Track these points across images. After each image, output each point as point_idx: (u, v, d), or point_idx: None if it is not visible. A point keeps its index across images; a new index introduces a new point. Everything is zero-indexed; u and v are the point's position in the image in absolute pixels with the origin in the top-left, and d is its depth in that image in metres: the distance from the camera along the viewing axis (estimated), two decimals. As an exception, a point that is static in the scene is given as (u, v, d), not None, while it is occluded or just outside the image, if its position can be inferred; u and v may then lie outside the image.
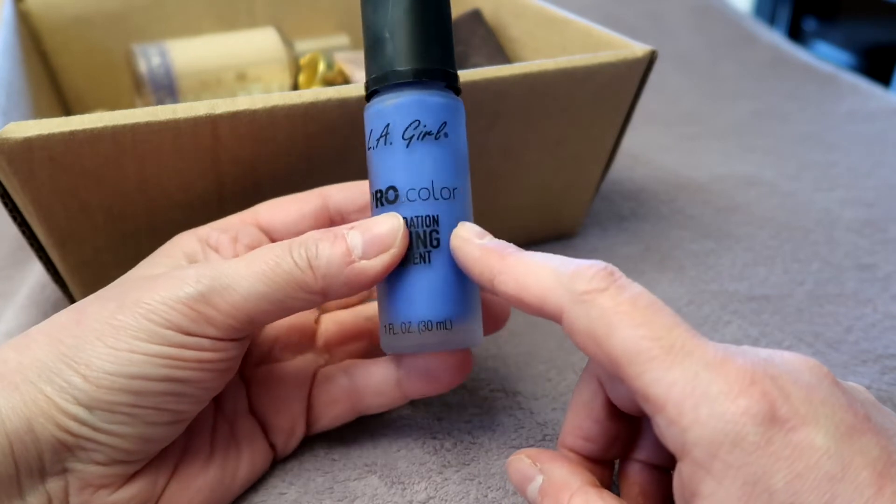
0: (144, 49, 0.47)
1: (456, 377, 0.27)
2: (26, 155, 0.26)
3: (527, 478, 0.24)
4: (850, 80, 0.73)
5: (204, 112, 0.28)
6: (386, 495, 0.28)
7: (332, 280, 0.23)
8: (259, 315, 0.23)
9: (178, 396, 0.23)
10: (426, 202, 0.24)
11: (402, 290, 0.25)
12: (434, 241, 0.24)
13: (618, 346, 0.20)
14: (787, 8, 1.81)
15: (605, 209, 0.49)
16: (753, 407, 0.18)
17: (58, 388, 0.21)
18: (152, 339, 0.22)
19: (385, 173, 0.25)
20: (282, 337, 0.29)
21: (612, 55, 0.36)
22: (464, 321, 0.25)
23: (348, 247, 0.23)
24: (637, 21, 0.83)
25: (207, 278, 0.23)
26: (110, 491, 0.23)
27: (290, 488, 0.28)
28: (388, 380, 0.28)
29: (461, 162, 0.26)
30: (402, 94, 0.25)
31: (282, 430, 0.28)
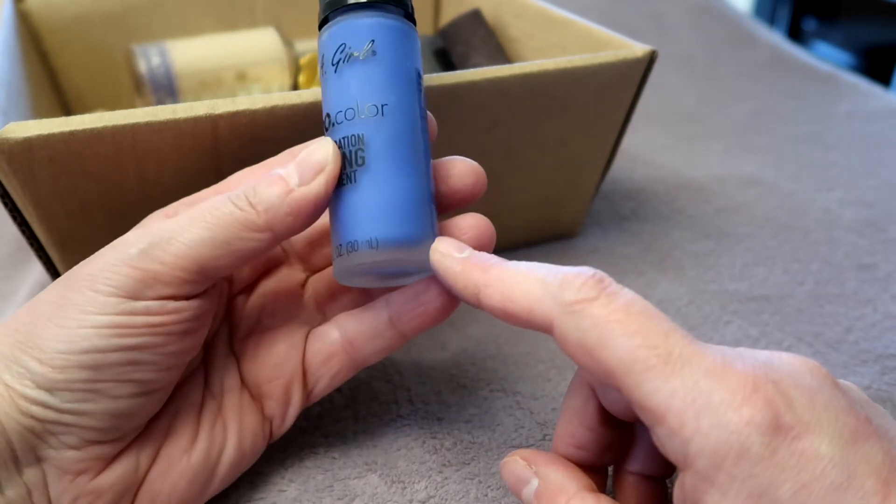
0: (144, 49, 0.47)
1: (448, 302, 0.26)
2: (26, 155, 0.26)
3: (522, 480, 0.24)
4: (850, 80, 0.73)
5: (204, 112, 0.28)
6: (386, 494, 0.28)
7: (275, 213, 0.23)
8: (209, 262, 0.22)
9: (137, 365, 0.22)
10: (352, 122, 0.24)
11: (339, 212, 0.24)
12: (360, 159, 0.24)
13: (612, 356, 0.19)
14: (787, 8, 1.81)
15: (605, 209, 0.49)
16: (757, 416, 0.18)
17: (16, 374, 0.21)
18: (99, 311, 0.22)
19: (324, 104, 0.25)
20: (268, 304, 0.29)
21: (612, 55, 0.36)
22: (417, 242, 0.24)
23: (285, 180, 0.23)
24: (637, 21, 0.83)
25: (148, 235, 0.22)
26: (89, 477, 0.23)
27: (290, 486, 0.28)
28: (380, 321, 0.27)
29: (397, 79, 0.25)
30: (335, 23, 0.25)
31: (277, 400, 0.27)
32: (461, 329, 0.37)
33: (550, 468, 0.23)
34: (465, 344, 0.36)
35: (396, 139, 0.24)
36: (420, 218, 0.24)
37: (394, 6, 0.25)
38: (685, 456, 0.19)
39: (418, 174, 0.25)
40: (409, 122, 0.25)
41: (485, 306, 0.22)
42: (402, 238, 0.24)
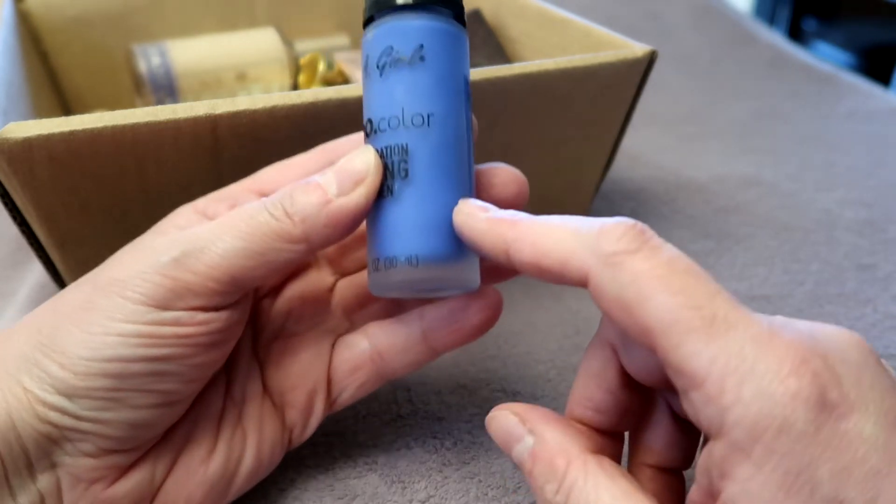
0: (144, 49, 0.47)
1: (485, 321, 0.25)
2: (26, 155, 0.26)
3: (513, 437, 0.22)
4: (850, 80, 0.73)
5: (204, 112, 0.28)
6: (386, 493, 0.28)
7: (312, 223, 0.22)
8: (241, 273, 0.22)
9: (162, 376, 0.21)
10: (396, 131, 0.23)
11: (378, 225, 0.23)
12: (402, 171, 0.23)
13: (652, 314, 0.18)
14: (787, 8, 1.81)
15: (605, 209, 0.49)
16: (804, 389, 0.17)
17: (36, 378, 0.21)
18: (126, 319, 0.21)
19: (365, 108, 0.24)
20: (295, 309, 0.27)
21: (612, 55, 0.36)
22: (456, 259, 0.23)
23: (323, 189, 0.22)
24: (637, 21, 0.83)
25: (180, 243, 0.22)
26: (104, 485, 0.22)
27: (290, 485, 0.28)
28: (413, 335, 0.26)
29: (444, 87, 0.23)
30: (381, 22, 0.24)
31: (299, 409, 0.26)
32: (461, 329, 0.37)
33: (548, 426, 0.22)
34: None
35: (442, 151, 0.23)
36: None
37: (445, 7, 0.24)
38: (721, 425, 0.17)
39: (462, 188, 0.24)
40: (456, 132, 0.24)
41: (515, 262, 0.21)
42: (444, 256, 0.23)
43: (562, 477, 0.20)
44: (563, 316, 0.38)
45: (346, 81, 0.48)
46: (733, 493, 0.17)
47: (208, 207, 0.25)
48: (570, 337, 0.37)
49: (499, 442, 0.23)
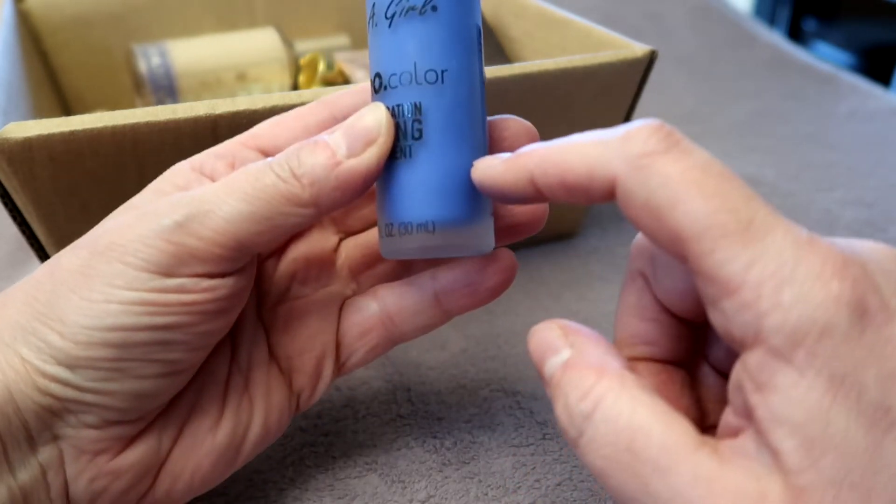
0: (144, 49, 0.47)
1: (501, 284, 0.25)
2: (26, 155, 0.26)
3: (552, 349, 0.20)
4: (850, 80, 0.73)
5: (204, 112, 0.28)
6: (386, 493, 0.28)
7: (321, 186, 0.21)
8: (247, 237, 0.21)
9: (166, 345, 0.21)
10: (408, 88, 0.22)
11: (391, 188, 0.22)
12: (416, 132, 0.22)
13: (685, 219, 0.17)
14: (787, 8, 1.81)
15: (605, 209, 0.49)
16: (846, 292, 0.16)
17: (35, 348, 0.20)
18: (128, 286, 0.20)
19: (373, 60, 0.23)
20: (300, 271, 0.26)
21: (612, 55, 0.36)
22: (470, 221, 0.22)
23: (332, 149, 0.21)
24: (637, 21, 0.83)
25: (184, 206, 0.20)
26: (109, 457, 0.21)
27: (290, 485, 0.28)
28: (425, 297, 0.25)
29: (458, 39, 0.22)
30: None
31: (307, 374, 0.26)
32: (461, 329, 0.37)
33: (591, 343, 0.20)
34: (465, 344, 0.36)
35: (457, 109, 0.22)
36: (477, 195, 0.22)
37: None
38: (757, 332, 0.16)
39: (478, 147, 0.22)
40: (470, 89, 0.22)
41: (542, 187, 0.20)
42: (461, 219, 0.22)
43: (591, 386, 0.18)
44: (562, 316, 0.38)
45: (346, 81, 0.48)
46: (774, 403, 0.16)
47: (205, 164, 0.24)
48: (570, 337, 0.37)
49: (535, 356, 0.21)
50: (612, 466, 0.17)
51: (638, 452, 0.17)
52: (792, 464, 0.16)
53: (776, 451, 0.16)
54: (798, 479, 0.16)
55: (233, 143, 0.25)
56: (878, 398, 0.15)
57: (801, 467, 0.16)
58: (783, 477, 0.16)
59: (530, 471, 0.29)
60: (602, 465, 0.18)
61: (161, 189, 0.23)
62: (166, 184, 0.23)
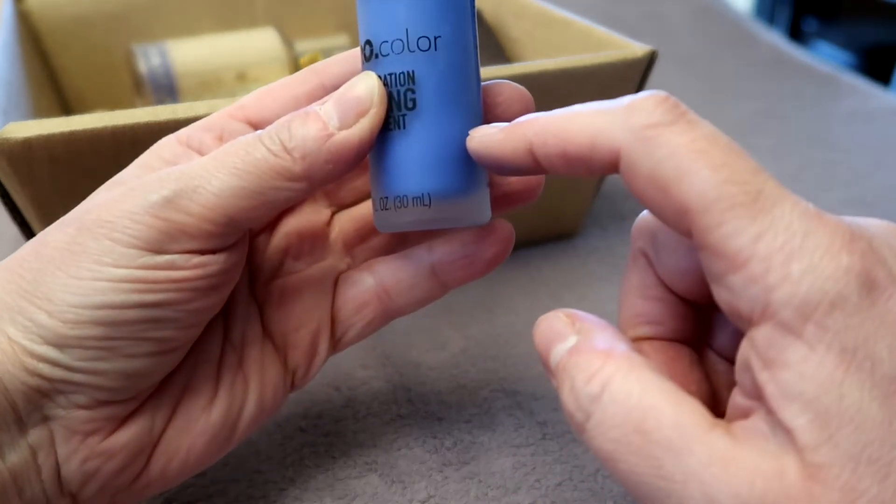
0: (144, 49, 0.47)
1: (498, 255, 0.24)
2: (26, 155, 0.26)
3: (558, 336, 0.20)
4: (850, 80, 0.73)
5: (204, 112, 0.28)
6: (386, 493, 0.28)
7: (313, 160, 0.20)
8: (239, 213, 0.20)
9: (157, 323, 0.20)
10: (400, 56, 0.21)
11: (385, 160, 0.22)
12: (409, 102, 0.21)
13: (691, 191, 0.17)
14: (787, 8, 1.81)
15: (605, 209, 0.49)
16: (856, 264, 0.16)
17: (21, 327, 0.19)
18: (117, 262, 0.19)
19: (363, 26, 0.22)
20: (292, 246, 0.26)
21: (612, 55, 0.36)
22: (465, 193, 0.22)
23: (323, 120, 0.20)
24: (637, 21, 0.83)
25: (172, 181, 0.20)
26: (101, 437, 0.21)
27: (290, 485, 0.28)
28: (421, 270, 0.25)
29: (451, 4, 0.21)
30: None
31: (302, 350, 0.25)
32: (461, 329, 0.37)
33: (597, 328, 0.20)
34: (465, 344, 0.36)
35: (451, 77, 0.21)
36: (473, 166, 0.22)
37: None
38: (765, 306, 0.16)
39: (472, 115, 0.22)
40: (464, 55, 0.22)
41: (541, 158, 0.19)
42: (457, 191, 0.22)
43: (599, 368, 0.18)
44: (563, 316, 0.38)
45: (346, 81, 0.48)
46: (785, 379, 0.16)
47: (193, 137, 0.23)
48: (570, 337, 0.37)
49: (540, 346, 0.20)
50: (621, 450, 0.17)
51: (649, 433, 0.17)
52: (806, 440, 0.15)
53: (789, 429, 0.16)
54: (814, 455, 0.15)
55: (220, 115, 0.24)
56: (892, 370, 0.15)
57: (817, 443, 0.15)
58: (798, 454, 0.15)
59: (530, 471, 0.29)
60: (611, 448, 0.17)
61: (148, 164, 0.23)
62: (153, 158, 0.23)
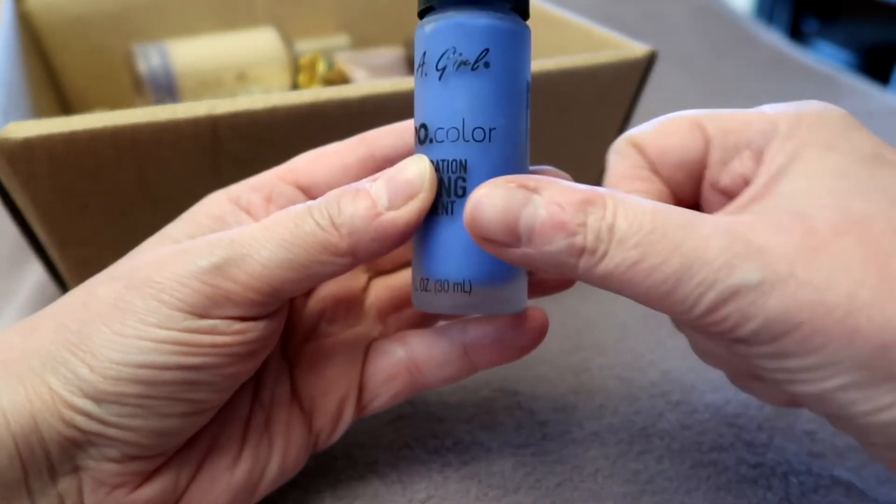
0: (144, 49, 0.47)
1: (532, 343, 0.25)
2: (26, 155, 0.26)
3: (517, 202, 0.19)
4: (850, 81, 0.73)
5: (204, 112, 0.28)
6: (386, 494, 0.28)
7: (360, 237, 0.21)
8: (283, 285, 0.21)
9: (194, 385, 0.21)
10: (455, 144, 0.21)
11: (430, 243, 0.22)
12: (459, 189, 0.21)
13: None
14: (787, 8, 1.82)
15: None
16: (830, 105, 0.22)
17: (63, 379, 0.20)
18: (161, 324, 0.20)
19: (419, 109, 0.22)
20: (328, 309, 0.26)
21: (612, 55, 0.36)
22: (503, 281, 0.22)
23: (373, 199, 0.21)
24: (637, 21, 0.83)
25: (222, 248, 0.20)
26: (127, 491, 0.21)
27: (290, 485, 0.28)
28: (454, 349, 0.25)
29: (508, 96, 0.22)
30: (443, 16, 0.21)
31: (328, 414, 0.25)
32: (461, 329, 0.37)
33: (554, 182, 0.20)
34: (465, 344, 0.36)
35: (501, 167, 0.22)
36: None
37: (512, 3, 0.22)
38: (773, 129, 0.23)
39: None
40: (515, 146, 0.22)
41: None
42: (497, 280, 0.22)
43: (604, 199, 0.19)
44: (563, 316, 0.38)
45: (345, 81, 0.48)
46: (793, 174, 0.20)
47: (242, 196, 0.24)
48: (570, 337, 0.37)
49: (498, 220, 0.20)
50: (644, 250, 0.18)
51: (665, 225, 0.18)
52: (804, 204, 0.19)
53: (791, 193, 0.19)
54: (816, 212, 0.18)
55: (270, 176, 0.25)
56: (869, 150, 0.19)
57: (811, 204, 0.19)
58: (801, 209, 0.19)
59: (531, 471, 0.29)
60: (635, 254, 0.18)
61: (196, 219, 0.24)
62: (201, 213, 0.24)
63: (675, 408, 0.32)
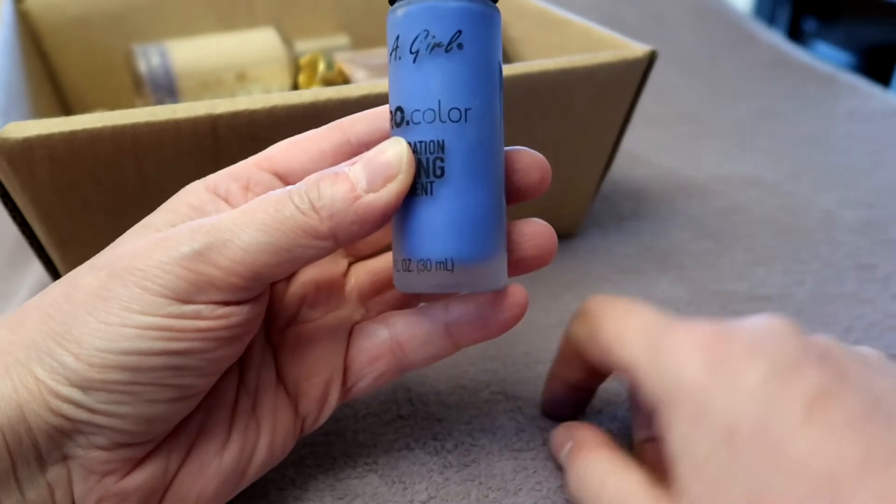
0: (144, 49, 0.47)
1: (513, 319, 0.25)
2: (26, 155, 0.26)
3: (561, 445, 0.27)
4: (850, 81, 0.73)
5: (204, 112, 0.28)
6: (387, 494, 0.28)
7: (340, 220, 0.21)
8: (265, 269, 0.21)
9: (180, 370, 0.21)
10: (431, 125, 0.22)
11: (410, 223, 0.22)
12: (438, 170, 0.22)
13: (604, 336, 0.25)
14: (787, 8, 1.81)
15: (605, 209, 0.49)
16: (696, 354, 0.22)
17: (48, 368, 0.20)
18: (145, 310, 0.20)
19: (394, 92, 0.23)
20: (309, 295, 0.27)
21: (612, 55, 0.36)
22: (484, 259, 0.23)
23: (352, 182, 0.21)
24: (637, 21, 0.83)
25: (203, 234, 0.21)
26: (116, 478, 0.21)
27: (290, 485, 0.28)
28: (436, 328, 0.26)
29: (482, 77, 0.22)
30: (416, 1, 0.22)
31: (314, 398, 0.26)
32: (461, 329, 0.37)
33: (581, 430, 0.27)
34: (466, 344, 0.36)
35: (478, 148, 0.22)
36: (494, 232, 0.23)
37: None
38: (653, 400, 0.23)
39: (496, 184, 0.23)
40: (491, 127, 0.23)
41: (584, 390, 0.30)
42: (479, 257, 0.22)
43: (580, 461, 0.25)
44: (563, 316, 0.38)
45: (346, 81, 0.48)
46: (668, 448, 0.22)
47: (220, 185, 0.24)
48: (571, 337, 0.37)
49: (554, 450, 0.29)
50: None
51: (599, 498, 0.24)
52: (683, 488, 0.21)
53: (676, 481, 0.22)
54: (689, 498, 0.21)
55: (247, 165, 0.25)
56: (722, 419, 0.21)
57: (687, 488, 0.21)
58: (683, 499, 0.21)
59: (531, 473, 0.29)
60: None
61: (175, 209, 0.23)
62: (181, 203, 0.24)
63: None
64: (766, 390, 0.21)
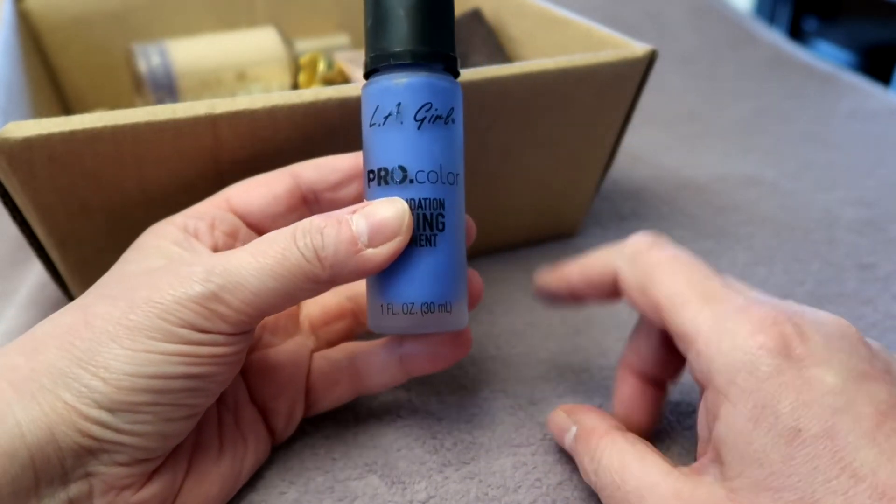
0: (144, 49, 0.47)
1: (461, 354, 0.28)
2: (26, 155, 0.26)
3: (563, 429, 0.28)
4: (850, 80, 0.73)
5: (204, 112, 0.28)
6: (386, 494, 0.28)
7: (340, 269, 0.23)
8: (269, 308, 0.23)
9: (195, 391, 0.23)
10: (434, 185, 0.24)
11: (406, 271, 0.25)
12: (440, 224, 0.25)
13: (660, 293, 0.25)
14: (788, 8, 1.81)
15: (605, 209, 0.49)
16: (769, 342, 0.22)
17: (77, 393, 0.21)
18: (168, 339, 0.22)
19: (393, 152, 0.25)
20: (269, 323, 0.30)
21: (612, 55, 0.36)
22: (459, 303, 0.26)
23: (354, 234, 0.23)
24: (637, 21, 0.83)
25: (217, 276, 0.23)
26: (133, 491, 0.23)
27: (290, 487, 0.28)
28: (391, 359, 0.29)
29: (461, 150, 0.26)
30: (411, 74, 0.25)
31: (281, 414, 0.29)
32: (461, 329, 0.37)
33: (586, 415, 0.27)
34: (466, 344, 0.36)
35: (461, 206, 0.26)
36: (463, 278, 0.26)
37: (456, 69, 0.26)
38: (708, 373, 0.23)
39: (463, 238, 0.26)
40: (463, 190, 0.26)
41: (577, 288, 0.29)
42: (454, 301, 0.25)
43: (594, 449, 0.25)
44: (563, 316, 0.38)
45: (346, 81, 0.48)
46: (719, 430, 0.22)
47: (188, 224, 0.26)
48: (570, 337, 0.37)
49: (554, 436, 0.29)
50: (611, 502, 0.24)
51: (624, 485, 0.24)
52: (729, 473, 0.22)
53: (722, 464, 0.22)
54: (732, 483, 0.21)
55: (208, 205, 0.27)
56: (790, 422, 0.21)
57: (734, 475, 0.21)
58: (725, 483, 0.22)
59: (531, 470, 0.29)
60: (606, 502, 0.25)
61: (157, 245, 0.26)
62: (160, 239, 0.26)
63: (674, 408, 0.32)
64: (838, 398, 0.20)
